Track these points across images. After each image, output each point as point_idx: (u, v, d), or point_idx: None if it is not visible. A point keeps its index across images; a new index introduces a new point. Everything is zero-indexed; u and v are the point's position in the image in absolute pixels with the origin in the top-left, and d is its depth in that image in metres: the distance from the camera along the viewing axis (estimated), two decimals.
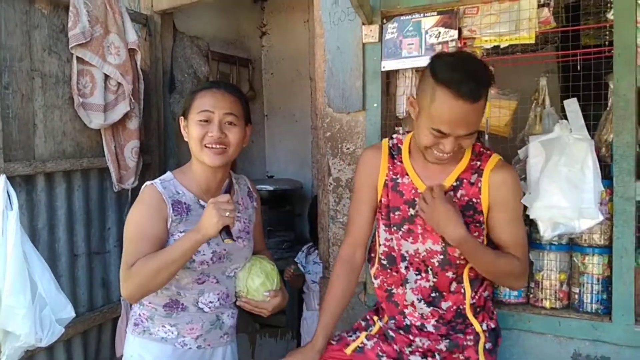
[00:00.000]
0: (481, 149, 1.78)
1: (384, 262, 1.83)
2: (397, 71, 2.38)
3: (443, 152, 1.62)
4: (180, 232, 1.76)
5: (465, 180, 1.74)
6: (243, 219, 1.93)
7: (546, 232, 1.94)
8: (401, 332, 1.81)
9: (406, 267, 1.78)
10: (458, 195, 1.74)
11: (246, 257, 1.95)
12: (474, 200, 1.73)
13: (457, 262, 1.73)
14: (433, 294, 1.77)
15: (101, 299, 2.74)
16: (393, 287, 1.83)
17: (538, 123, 2.19)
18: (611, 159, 1.92)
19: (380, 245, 1.85)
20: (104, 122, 2.61)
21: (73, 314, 2.25)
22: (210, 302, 1.87)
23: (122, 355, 2.78)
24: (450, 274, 1.75)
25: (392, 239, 1.80)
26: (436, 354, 1.75)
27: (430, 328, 1.77)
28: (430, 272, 1.76)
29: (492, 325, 1.81)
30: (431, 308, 1.77)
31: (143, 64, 2.96)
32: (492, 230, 1.76)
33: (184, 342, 1.85)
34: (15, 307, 2.05)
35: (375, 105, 2.35)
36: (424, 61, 2.25)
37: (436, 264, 1.74)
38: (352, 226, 1.93)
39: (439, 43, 2.21)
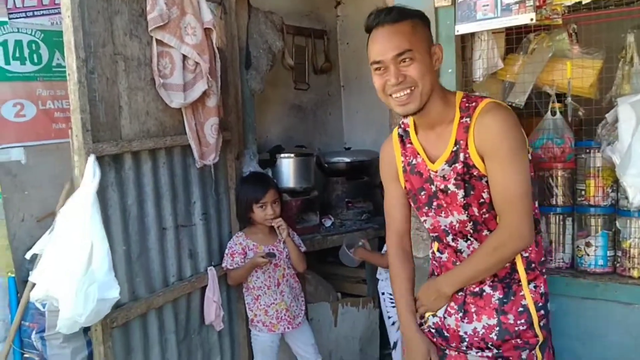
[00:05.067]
0: (467, 104, 1.70)
1: (435, 236, 1.87)
2: (472, 35, 2.31)
3: (392, 86, 1.63)
4: None
5: (462, 142, 1.67)
6: None
7: (635, 198, 1.84)
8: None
9: (453, 239, 1.78)
10: (461, 158, 1.67)
11: None
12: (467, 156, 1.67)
13: (483, 218, 1.70)
14: None
15: (189, 270, 2.87)
16: (451, 257, 1.83)
17: (627, 83, 2.07)
18: None
19: (425, 224, 1.88)
20: (184, 101, 2.70)
21: (117, 296, 2.19)
22: None
23: (210, 322, 2.93)
24: (485, 232, 1.72)
25: (426, 219, 1.83)
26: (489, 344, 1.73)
27: (487, 290, 1.74)
28: (471, 238, 1.75)
29: (542, 289, 1.74)
30: None
31: (219, 42, 3.02)
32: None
33: None
34: (64, 277, 2.07)
35: (450, 70, 2.30)
36: (500, 23, 2.17)
37: (471, 230, 1.73)
38: (392, 220, 1.94)
39: (515, 2, 2.12)
